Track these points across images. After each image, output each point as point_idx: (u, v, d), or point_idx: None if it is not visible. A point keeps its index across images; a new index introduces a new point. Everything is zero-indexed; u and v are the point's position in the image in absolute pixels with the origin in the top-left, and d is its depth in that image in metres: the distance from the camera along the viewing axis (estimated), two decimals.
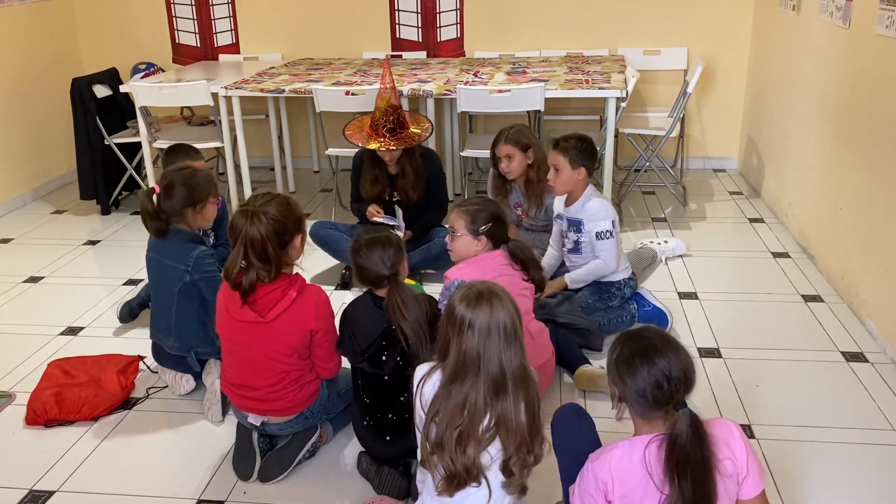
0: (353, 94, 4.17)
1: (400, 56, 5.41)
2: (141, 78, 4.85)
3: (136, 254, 2.82)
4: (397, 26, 5.42)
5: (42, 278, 3.94)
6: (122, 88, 4.73)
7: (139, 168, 4.91)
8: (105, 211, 4.86)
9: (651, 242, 3.92)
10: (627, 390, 1.62)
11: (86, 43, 5.74)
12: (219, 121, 4.53)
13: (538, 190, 3.52)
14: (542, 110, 4.10)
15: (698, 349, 3.05)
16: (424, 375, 1.85)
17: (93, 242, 4.42)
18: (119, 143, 4.76)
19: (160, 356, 2.88)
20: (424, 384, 1.84)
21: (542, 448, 1.81)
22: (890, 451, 2.42)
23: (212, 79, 4.64)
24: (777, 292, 3.53)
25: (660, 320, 3.18)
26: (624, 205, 4.65)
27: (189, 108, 5.39)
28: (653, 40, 5.16)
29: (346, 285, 3.70)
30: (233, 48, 5.62)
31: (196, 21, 5.59)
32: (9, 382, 2.98)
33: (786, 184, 4.30)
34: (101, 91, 4.74)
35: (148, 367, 3.00)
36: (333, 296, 3.55)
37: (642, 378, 1.59)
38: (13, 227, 4.71)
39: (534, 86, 4.05)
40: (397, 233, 3.58)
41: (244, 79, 4.61)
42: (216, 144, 4.58)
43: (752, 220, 4.43)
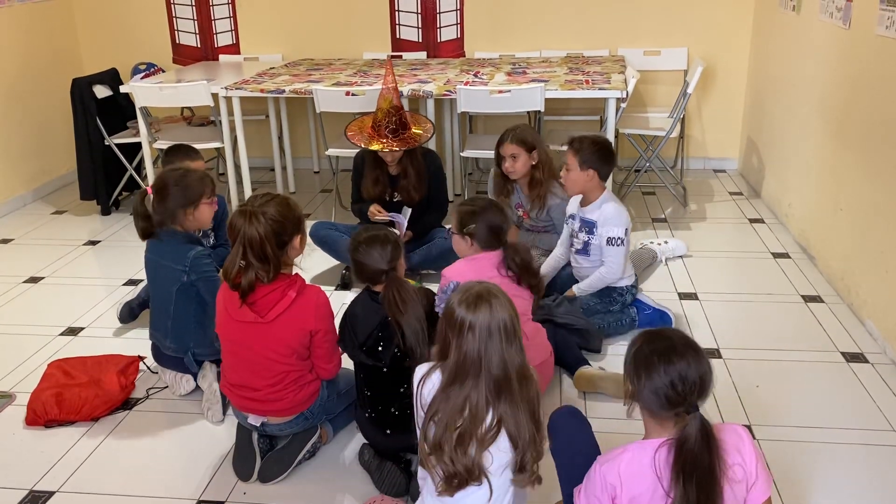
0: (354, 95, 4.17)
1: (400, 56, 5.41)
2: (141, 78, 4.85)
3: (137, 254, 2.82)
4: (397, 27, 5.43)
5: (42, 279, 3.94)
6: (123, 89, 4.73)
7: (139, 168, 4.91)
8: (105, 211, 4.86)
9: (651, 243, 3.93)
10: (642, 387, 1.61)
11: (86, 43, 5.74)
12: (219, 121, 4.53)
13: (541, 191, 3.52)
14: (543, 111, 4.10)
15: None
16: (424, 375, 1.85)
17: (93, 243, 4.42)
18: (119, 144, 4.76)
19: (160, 356, 2.88)
20: (424, 384, 1.84)
21: (543, 445, 1.82)
22: (890, 452, 2.42)
23: (212, 79, 4.64)
24: (777, 293, 3.53)
25: (663, 322, 3.17)
26: (624, 205, 4.64)
27: (189, 109, 5.40)
28: (653, 41, 5.16)
29: (347, 286, 3.70)
30: (233, 48, 5.62)
31: (196, 21, 5.59)
32: (9, 383, 2.98)
33: (786, 184, 4.30)
34: (102, 91, 4.74)
35: (148, 368, 3.00)
36: (333, 296, 3.55)
37: (658, 376, 1.59)
38: (13, 228, 4.71)
39: (534, 86, 4.05)
40: (395, 231, 3.60)
41: (244, 79, 4.61)
42: (216, 145, 4.58)
43: (753, 221, 4.43)
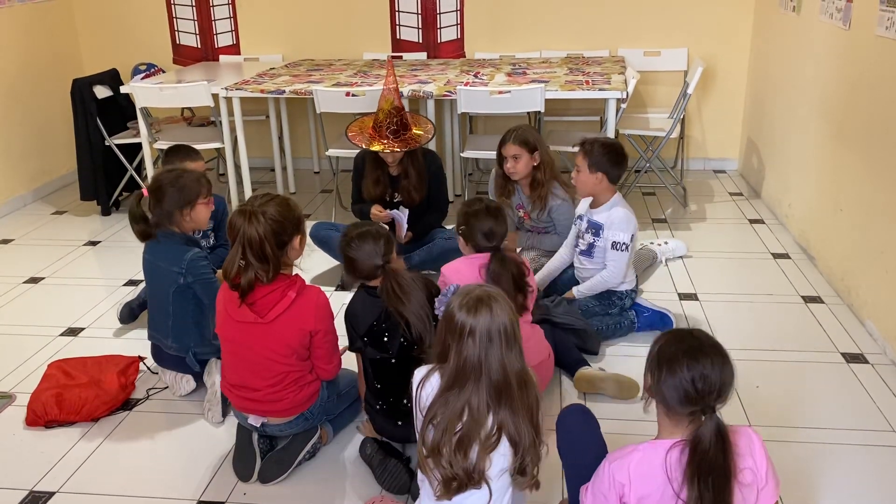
0: (354, 95, 4.17)
1: (400, 57, 5.41)
2: (141, 79, 4.85)
3: (137, 255, 2.82)
4: (397, 27, 5.43)
5: (42, 279, 3.94)
6: (123, 89, 4.73)
7: (140, 169, 4.91)
8: (105, 212, 4.86)
9: (651, 243, 3.92)
10: (663, 380, 1.61)
11: (86, 44, 5.74)
12: (219, 122, 4.53)
13: (542, 192, 3.51)
14: (543, 111, 4.10)
15: None
16: (423, 378, 1.84)
17: (93, 243, 4.42)
18: (119, 144, 4.77)
19: (160, 357, 2.88)
20: (423, 386, 1.83)
21: (542, 449, 1.81)
22: (890, 452, 2.42)
23: (212, 80, 4.64)
24: (777, 293, 3.53)
25: (663, 322, 3.17)
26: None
27: (189, 109, 5.40)
28: (653, 41, 5.16)
29: (346, 286, 3.69)
30: (233, 49, 5.62)
31: (196, 22, 5.60)
32: (9, 383, 2.98)
33: (786, 185, 4.30)
34: (102, 92, 4.74)
35: (148, 368, 3.00)
36: (333, 297, 3.55)
37: (681, 372, 1.59)
38: (13, 228, 4.71)
39: (534, 87, 4.05)
40: (396, 231, 3.60)
41: (244, 80, 4.61)
42: (216, 145, 4.58)
43: (753, 221, 4.43)
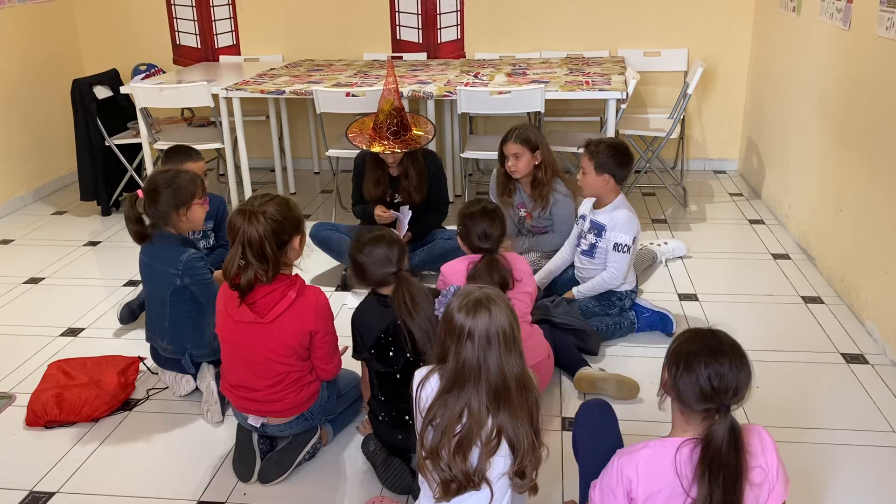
0: (354, 96, 4.17)
1: (400, 57, 5.41)
2: (141, 79, 4.85)
3: (136, 255, 2.82)
4: (398, 27, 5.43)
5: (42, 279, 3.94)
6: (123, 89, 4.72)
7: (140, 169, 4.91)
8: (105, 212, 4.86)
9: (651, 244, 3.92)
10: (679, 377, 1.61)
11: (86, 44, 5.74)
12: (219, 122, 4.53)
13: (544, 191, 3.51)
14: (543, 112, 4.10)
15: None
16: (423, 378, 1.83)
17: (93, 243, 4.42)
18: (119, 145, 4.77)
19: (159, 357, 2.88)
20: (423, 387, 1.83)
21: (542, 452, 1.81)
22: (890, 453, 2.43)
23: (212, 80, 4.65)
24: (777, 294, 3.53)
25: (663, 323, 3.18)
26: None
27: (190, 110, 5.40)
28: (653, 42, 5.16)
29: (347, 287, 3.70)
30: (233, 49, 5.63)
31: (197, 22, 5.60)
32: (9, 383, 2.98)
33: (786, 185, 4.30)
34: (102, 92, 4.74)
35: (148, 369, 3.00)
36: (333, 297, 3.56)
37: (699, 368, 1.58)
38: (14, 229, 4.71)
39: (534, 87, 4.05)
40: (396, 231, 3.59)
41: (245, 80, 4.61)
42: (216, 146, 4.58)
43: (753, 222, 4.43)
